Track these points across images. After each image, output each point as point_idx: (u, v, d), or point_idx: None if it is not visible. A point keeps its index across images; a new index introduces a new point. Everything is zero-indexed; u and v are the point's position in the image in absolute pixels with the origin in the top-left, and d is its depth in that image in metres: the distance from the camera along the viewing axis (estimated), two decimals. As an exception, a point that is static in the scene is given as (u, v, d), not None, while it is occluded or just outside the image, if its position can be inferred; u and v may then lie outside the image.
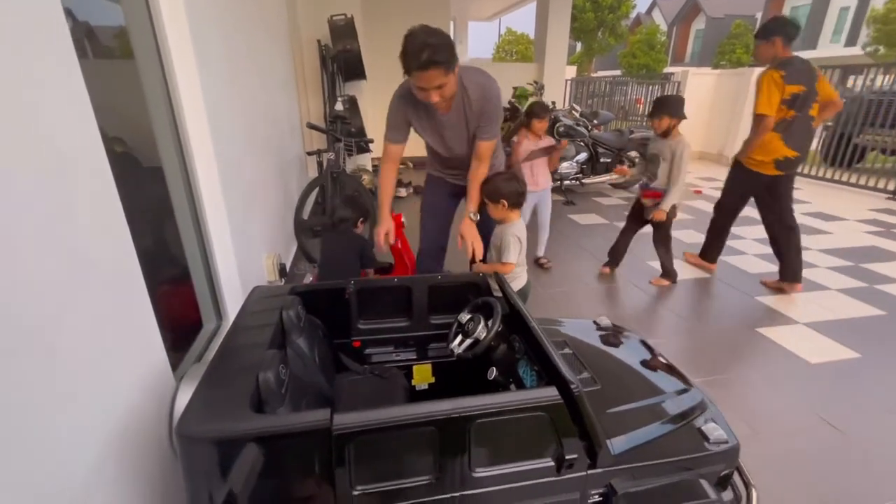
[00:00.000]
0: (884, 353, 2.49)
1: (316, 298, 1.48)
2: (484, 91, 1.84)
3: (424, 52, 1.57)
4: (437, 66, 1.60)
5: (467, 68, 1.84)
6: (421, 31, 1.60)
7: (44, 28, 0.88)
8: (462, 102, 1.86)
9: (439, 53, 1.59)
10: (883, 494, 1.64)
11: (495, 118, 1.91)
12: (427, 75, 1.63)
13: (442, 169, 2.24)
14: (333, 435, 0.89)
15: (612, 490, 1.12)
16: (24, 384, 0.76)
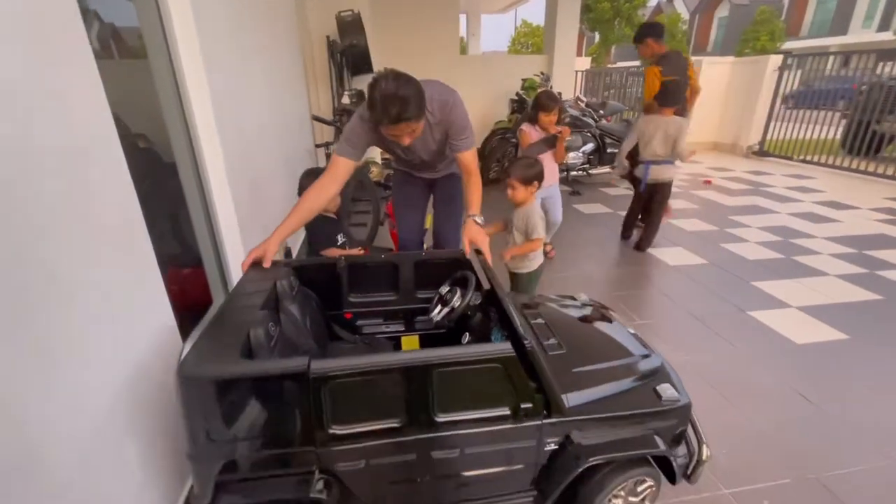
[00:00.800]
0: (873, 336, 2.52)
1: (310, 272, 1.62)
2: (444, 106, 1.79)
3: (394, 109, 1.50)
4: (408, 121, 1.56)
5: (428, 84, 1.73)
6: (390, 81, 1.50)
7: (66, 31, 1.04)
8: (427, 125, 1.81)
9: (409, 109, 1.53)
10: (843, 460, 1.71)
11: (464, 128, 1.86)
12: (398, 128, 1.58)
13: (408, 168, 2.25)
14: (311, 378, 1.03)
15: (569, 440, 1.24)
16: (48, 333, 0.92)
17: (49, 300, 0.92)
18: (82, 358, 1.02)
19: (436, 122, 1.82)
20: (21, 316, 0.85)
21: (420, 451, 1.15)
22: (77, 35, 1.08)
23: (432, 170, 2.19)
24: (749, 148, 7.82)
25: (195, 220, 2.04)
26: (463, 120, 1.85)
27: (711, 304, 2.92)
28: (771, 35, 23.53)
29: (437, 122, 1.82)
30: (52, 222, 0.94)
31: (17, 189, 0.85)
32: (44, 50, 0.96)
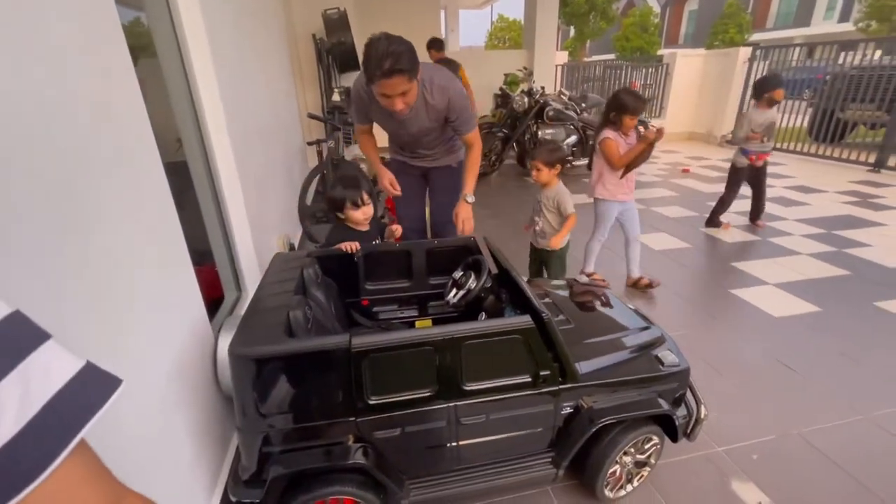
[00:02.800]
0: (842, 307, 2.74)
1: (330, 262, 1.72)
2: (443, 91, 1.91)
3: (387, 61, 1.59)
4: (401, 73, 1.63)
5: (427, 68, 1.88)
6: (383, 39, 1.62)
7: (111, 44, 1.10)
8: (422, 100, 1.91)
9: (402, 61, 1.61)
10: (820, 417, 1.90)
11: (465, 111, 2.01)
12: (391, 83, 1.65)
13: (402, 152, 2.33)
14: (352, 353, 1.13)
15: (581, 404, 1.37)
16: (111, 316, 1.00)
17: (111, 288, 1.00)
18: (136, 340, 1.09)
19: (433, 103, 1.92)
20: (92, 298, 0.92)
21: (450, 417, 1.27)
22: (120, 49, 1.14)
23: (426, 156, 2.28)
24: (723, 137, 8.12)
25: (206, 217, 2.09)
26: (462, 103, 1.97)
27: (696, 284, 3.10)
28: (739, 27, 24.20)
29: (434, 104, 1.92)
30: (109, 217, 1.01)
31: (78, 185, 0.92)
32: (94, 62, 1.02)
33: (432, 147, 2.24)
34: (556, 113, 5.53)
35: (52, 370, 0.35)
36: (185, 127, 1.91)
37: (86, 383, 0.37)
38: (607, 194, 2.71)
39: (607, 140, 2.60)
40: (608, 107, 2.66)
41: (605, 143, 2.61)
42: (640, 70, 9.17)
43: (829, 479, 1.63)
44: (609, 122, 2.63)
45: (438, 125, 2.07)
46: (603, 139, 2.62)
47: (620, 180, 2.66)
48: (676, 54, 8.28)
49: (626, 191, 2.71)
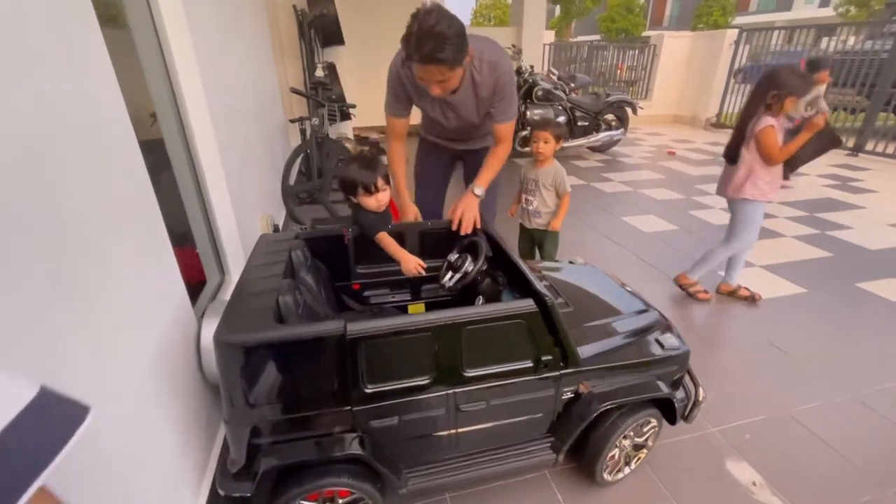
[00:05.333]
0: (826, 288, 2.78)
1: (318, 245, 1.63)
2: (494, 68, 1.64)
3: (427, 45, 1.37)
4: (441, 63, 1.41)
5: (477, 40, 1.62)
6: (433, 13, 1.37)
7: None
8: (471, 81, 1.67)
9: (445, 50, 1.38)
10: (808, 396, 1.93)
11: (511, 95, 1.73)
12: (427, 69, 1.45)
13: (439, 137, 2.09)
14: (347, 340, 1.07)
15: (582, 389, 1.33)
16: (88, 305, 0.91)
17: (85, 268, 0.90)
18: (111, 327, 1.01)
19: (482, 82, 1.66)
20: (68, 284, 0.83)
21: (449, 405, 1.22)
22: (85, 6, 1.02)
23: (464, 140, 2.05)
24: (707, 120, 8.17)
25: (186, 197, 1.97)
26: (510, 86, 1.70)
27: (685, 265, 3.10)
28: (723, 10, 24.25)
29: (483, 84, 1.67)
30: (77, 192, 0.91)
31: (44, 158, 0.82)
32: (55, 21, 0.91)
33: (472, 134, 2.01)
34: (545, 93, 5.44)
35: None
36: (161, 100, 1.77)
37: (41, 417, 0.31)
38: (758, 194, 2.27)
39: (770, 129, 2.13)
40: (764, 86, 2.18)
41: (767, 133, 2.14)
42: (627, 51, 9.10)
43: (818, 457, 1.65)
44: (766, 107, 2.17)
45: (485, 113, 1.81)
46: (765, 128, 2.14)
47: (775, 178, 2.27)
48: (664, 35, 8.23)
49: (776, 189, 2.31)
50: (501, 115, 1.75)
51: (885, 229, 3.70)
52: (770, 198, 2.30)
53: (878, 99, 5.99)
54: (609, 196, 4.58)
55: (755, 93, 2.24)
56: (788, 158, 2.19)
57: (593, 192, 4.67)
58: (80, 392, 0.81)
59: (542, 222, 2.35)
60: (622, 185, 4.94)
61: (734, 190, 2.33)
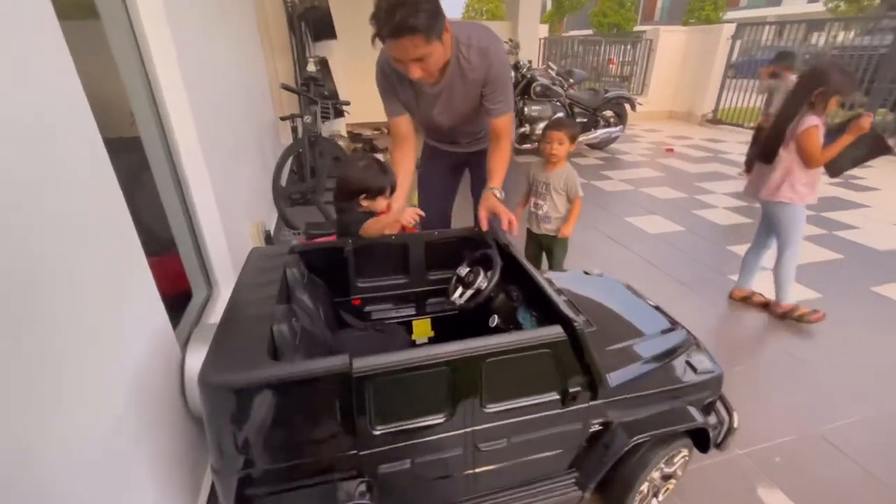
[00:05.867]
0: (841, 292, 2.69)
1: (315, 258, 1.48)
2: (483, 54, 1.48)
3: (397, 14, 1.24)
4: (413, 32, 1.26)
5: (464, 26, 1.51)
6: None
7: None
8: (458, 69, 1.51)
9: (416, 16, 1.24)
10: (835, 412, 1.83)
11: (505, 86, 1.57)
12: (400, 44, 1.30)
13: (439, 141, 1.94)
14: (354, 378, 0.93)
15: (610, 420, 1.21)
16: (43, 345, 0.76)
17: (34, 299, 0.75)
18: (77, 363, 0.86)
19: (471, 70, 1.50)
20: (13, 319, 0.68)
21: (467, 444, 1.09)
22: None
23: (461, 142, 1.89)
24: (703, 116, 8.09)
25: (167, 203, 1.81)
26: (504, 75, 1.54)
27: (694, 269, 3.01)
28: (714, 5, 24.21)
29: (472, 72, 1.51)
30: (29, 201, 0.76)
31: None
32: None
33: (466, 133, 1.84)
34: (542, 89, 5.30)
35: None
36: (137, 97, 1.61)
37: None
38: (796, 197, 2.15)
39: (815, 129, 2.00)
40: (809, 84, 2.04)
41: (811, 134, 2.00)
42: (620, 46, 8.99)
43: (854, 483, 1.55)
44: (809, 105, 2.04)
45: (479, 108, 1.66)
46: (809, 128, 2.00)
47: (813, 180, 2.15)
48: (659, 30, 8.13)
49: (814, 192, 2.17)
50: (497, 108, 1.59)
51: (892, 229, 3.63)
52: (808, 201, 2.16)
53: (876, 95, 5.94)
54: (610, 195, 4.47)
55: (797, 91, 2.10)
56: (829, 163, 2.07)
57: (594, 191, 4.55)
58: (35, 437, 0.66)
59: (551, 228, 2.23)
60: (623, 183, 4.83)
61: (770, 192, 2.20)
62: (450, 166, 2.00)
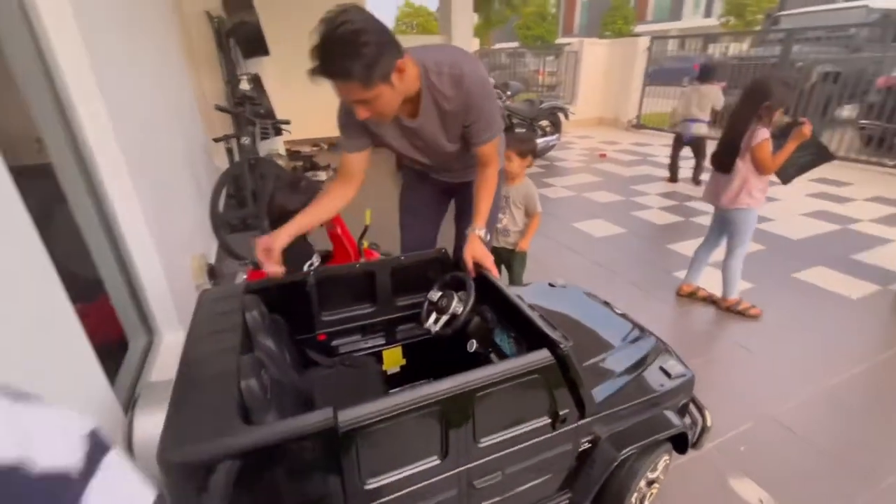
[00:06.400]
0: (768, 281, 2.94)
1: (273, 295, 1.37)
2: (457, 81, 1.31)
3: (331, 54, 1.09)
4: (347, 78, 1.11)
5: (433, 51, 1.34)
6: (344, 15, 1.08)
7: None
8: (432, 101, 1.35)
9: (352, 60, 1.08)
10: (784, 395, 1.97)
11: (487, 112, 1.40)
12: (336, 86, 1.16)
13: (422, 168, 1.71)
14: (340, 433, 0.85)
15: (597, 436, 1.21)
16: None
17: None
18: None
19: (446, 101, 1.34)
20: None
21: (462, 484, 1.03)
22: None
23: (447, 171, 1.70)
24: (629, 122, 8.65)
25: (92, 242, 1.60)
26: (485, 101, 1.37)
27: (641, 269, 3.16)
28: (625, 19, 26.23)
29: (448, 103, 1.35)
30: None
31: None
32: None
33: (456, 167, 1.67)
34: (482, 101, 5.39)
35: None
36: (47, 122, 1.41)
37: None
38: (754, 202, 2.33)
39: (767, 142, 2.17)
40: (754, 98, 2.19)
41: (763, 147, 2.17)
42: (546, 57, 9.42)
43: (809, 460, 1.66)
44: (757, 118, 2.19)
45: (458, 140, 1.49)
46: (762, 141, 2.17)
47: (765, 185, 2.33)
48: (584, 42, 8.60)
49: (765, 195, 2.37)
50: (479, 138, 1.43)
51: (801, 219, 4.03)
52: (761, 203, 2.36)
53: (773, 99, 6.63)
54: (555, 202, 4.61)
55: (745, 104, 2.25)
56: (779, 170, 2.26)
57: (540, 199, 4.67)
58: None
59: (510, 241, 2.24)
60: (564, 189, 5.02)
61: (730, 201, 2.36)
62: (435, 192, 1.83)
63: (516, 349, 1.28)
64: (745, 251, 2.50)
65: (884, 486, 1.55)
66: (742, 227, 2.43)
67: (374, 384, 1.46)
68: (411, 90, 1.31)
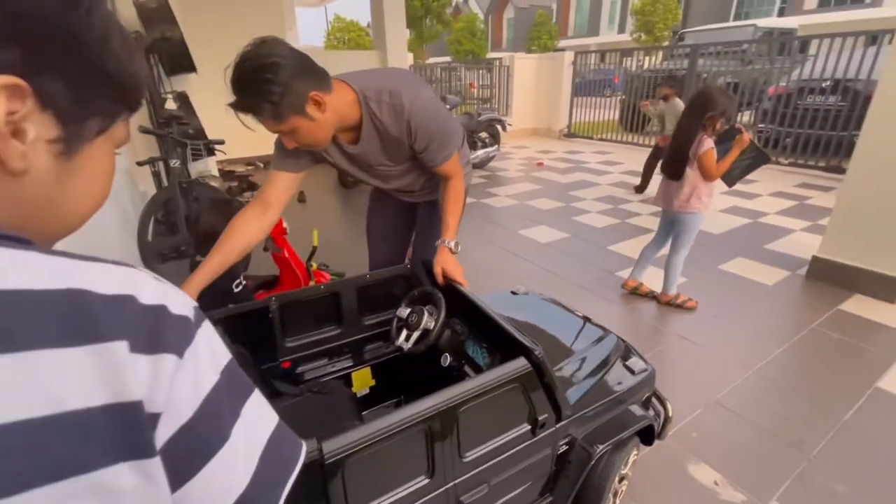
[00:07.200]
0: (699, 274, 3.20)
1: (235, 325, 1.29)
2: (399, 116, 1.31)
3: (239, 89, 1.11)
4: (256, 112, 1.13)
5: (375, 77, 1.35)
6: (245, 54, 1.10)
7: None
8: (373, 129, 1.35)
9: (258, 97, 1.10)
10: (724, 380, 2.14)
11: (437, 133, 1.38)
12: (258, 119, 1.16)
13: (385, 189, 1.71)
14: (326, 465, 0.81)
15: (573, 438, 1.25)
16: None
17: None
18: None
19: (385, 130, 1.35)
20: None
21: (450, 499, 1.03)
22: None
23: (409, 192, 1.70)
24: (560, 131, 9.12)
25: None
26: (432, 125, 1.36)
27: (586, 271, 3.32)
28: (549, 34, 27.75)
29: (389, 130, 1.35)
30: None
31: None
32: None
33: (416, 188, 1.66)
34: (422, 115, 5.45)
35: (262, 420, 0.41)
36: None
37: (282, 438, 0.43)
38: (702, 206, 2.50)
39: (712, 151, 2.35)
40: (699, 109, 2.35)
41: (709, 155, 2.35)
42: (478, 71, 9.73)
43: (752, 438, 1.81)
44: (702, 127, 2.36)
45: (408, 162, 1.49)
46: (708, 150, 2.35)
47: (712, 190, 2.49)
48: (514, 57, 8.98)
49: (712, 199, 2.55)
50: (435, 161, 1.44)
51: (719, 215, 4.43)
52: (709, 207, 2.54)
53: (686, 108, 7.29)
54: (499, 210, 4.75)
55: (691, 115, 2.41)
56: (723, 175, 2.47)
57: (485, 209, 4.80)
58: None
59: None
60: (508, 198, 5.18)
61: (681, 205, 2.53)
62: (400, 211, 1.83)
63: (490, 359, 1.30)
64: (687, 251, 2.71)
65: (816, 452, 1.73)
66: (689, 229, 2.62)
67: (346, 409, 1.41)
68: (349, 117, 1.31)
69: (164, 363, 0.34)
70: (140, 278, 0.36)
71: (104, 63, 0.36)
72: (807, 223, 4.15)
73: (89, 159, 0.39)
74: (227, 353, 0.40)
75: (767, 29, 8.95)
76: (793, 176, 5.77)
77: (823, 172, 5.73)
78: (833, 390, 2.07)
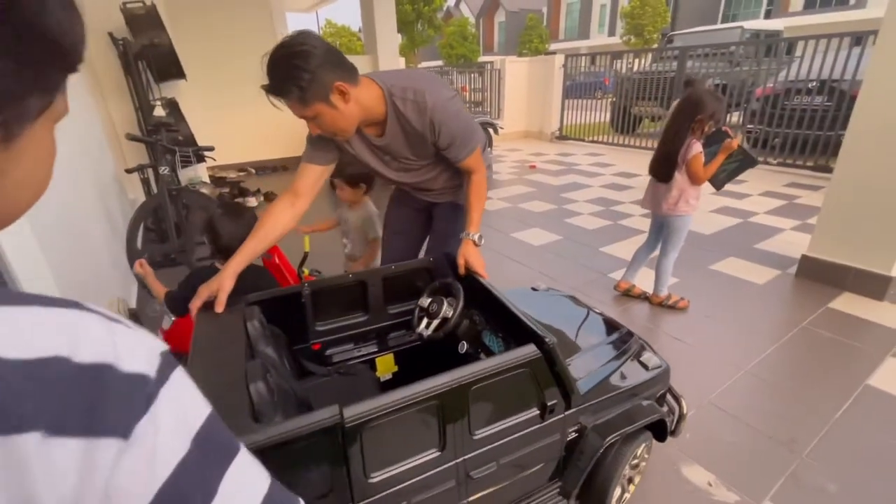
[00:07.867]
0: (690, 274, 3.23)
1: (271, 307, 1.35)
2: (423, 113, 1.38)
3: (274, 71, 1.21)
4: (286, 95, 1.22)
5: (401, 77, 1.42)
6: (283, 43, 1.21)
7: None
8: (397, 124, 1.43)
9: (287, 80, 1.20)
10: (716, 381, 2.16)
11: (459, 131, 1.46)
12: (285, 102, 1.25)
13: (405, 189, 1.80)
14: (346, 429, 0.87)
15: (583, 426, 1.28)
16: None
17: None
18: None
19: (411, 125, 1.42)
20: None
21: (460, 475, 1.07)
22: None
23: (427, 191, 1.76)
24: (552, 134, 9.17)
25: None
26: (454, 122, 1.43)
27: (579, 273, 3.33)
28: (540, 38, 27.93)
29: (413, 126, 1.42)
30: None
31: None
32: None
33: (436, 188, 1.73)
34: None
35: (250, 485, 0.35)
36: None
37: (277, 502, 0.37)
38: (690, 209, 2.51)
39: (700, 155, 2.35)
40: (688, 112, 2.33)
41: (697, 159, 2.34)
42: (469, 74, 9.76)
43: (745, 438, 1.81)
44: (691, 131, 2.35)
45: (430, 158, 1.56)
46: (696, 154, 2.34)
47: (700, 193, 2.51)
48: (505, 60, 9.03)
49: (700, 201, 2.56)
50: (458, 156, 1.51)
51: (709, 216, 4.47)
52: (696, 210, 2.55)
53: (674, 109, 7.36)
54: (494, 214, 4.76)
55: (680, 118, 2.39)
56: (711, 179, 2.49)
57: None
58: None
59: (358, 267, 2.27)
60: (501, 201, 5.19)
61: (669, 208, 2.54)
62: (414, 209, 1.89)
63: (504, 347, 1.33)
64: (677, 253, 2.73)
65: (808, 451, 1.75)
66: (678, 231, 2.64)
67: (370, 390, 1.48)
68: (375, 112, 1.39)
69: (101, 450, 0.26)
70: (79, 326, 0.29)
71: (44, 21, 0.30)
72: (796, 222, 4.19)
73: (31, 142, 0.33)
74: (205, 406, 0.33)
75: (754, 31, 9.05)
76: (781, 175, 5.84)
77: (811, 172, 5.80)
78: (824, 388, 2.09)
